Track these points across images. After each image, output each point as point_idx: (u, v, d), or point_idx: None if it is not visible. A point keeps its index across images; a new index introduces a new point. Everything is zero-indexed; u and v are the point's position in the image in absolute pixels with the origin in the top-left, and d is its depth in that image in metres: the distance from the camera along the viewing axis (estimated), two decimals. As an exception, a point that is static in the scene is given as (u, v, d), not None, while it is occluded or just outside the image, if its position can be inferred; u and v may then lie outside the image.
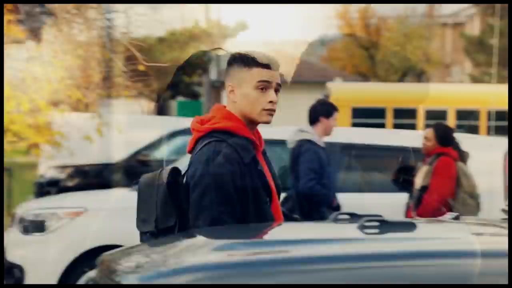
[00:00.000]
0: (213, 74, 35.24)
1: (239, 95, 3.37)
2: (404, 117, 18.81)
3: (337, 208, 7.02)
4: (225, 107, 3.43)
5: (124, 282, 2.54)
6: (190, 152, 3.41)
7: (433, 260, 2.52)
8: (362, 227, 2.78)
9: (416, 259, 2.51)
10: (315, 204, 6.99)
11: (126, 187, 9.85)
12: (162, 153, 13.48)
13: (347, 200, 7.52)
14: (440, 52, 43.52)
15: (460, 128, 17.13)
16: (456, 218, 3.16)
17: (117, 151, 13.42)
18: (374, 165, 8.75)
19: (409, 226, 2.87)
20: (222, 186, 3.21)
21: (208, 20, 30.26)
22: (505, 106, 18.81)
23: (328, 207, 6.97)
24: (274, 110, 3.38)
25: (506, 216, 3.21)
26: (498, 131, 18.27)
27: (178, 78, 28.87)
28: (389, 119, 18.82)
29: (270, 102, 3.35)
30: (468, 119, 18.79)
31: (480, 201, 7.16)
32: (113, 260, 2.78)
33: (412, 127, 18.02)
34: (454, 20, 45.90)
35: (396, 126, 18.24)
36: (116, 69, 7.54)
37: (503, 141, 8.48)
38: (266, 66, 3.36)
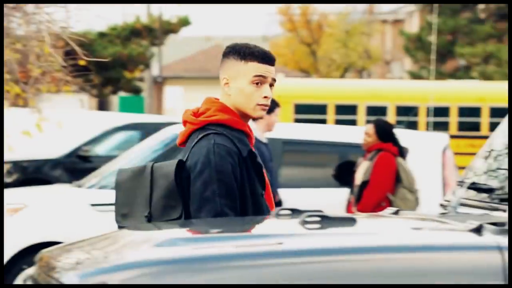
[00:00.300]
0: (155, 69, 35.05)
1: (234, 89, 3.34)
2: (346, 113, 18.96)
3: (279, 203, 7.04)
4: (217, 99, 3.40)
5: (64, 279, 2.51)
6: (181, 144, 3.37)
7: (373, 254, 2.54)
8: (303, 223, 2.80)
9: (357, 254, 2.53)
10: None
11: (66, 183, 9.74)
12: (103, 148, 13.37)
13: (289, 196, 7.55)
14: (381, 49, 43.94)
15: (400, 124, 17.32)
16: (396, 213, 3.19)
17: (57, 147, 13.27)
18: (316, 160, 8.80)
19: (350, 221, 2.89)
20: (223, 178, 3.19)
21: (149, 15, 30.09)
22: (442, 102, 19.07)
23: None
24: (268, 105, 3.36)
25: (444, 211, 3.25)
26: (437, 127, 18.52)
27: (120, 73, 28.68)
28: (331, 115, 18.94)
29: (265, 97, 3.33)
30: (408, 115, 19.02)
31: (419, 196, 7.25)
32: (52, 257, 2.75)
33: (353, 123, 18.17)
34: (394, 17, 46.36)
35: (338, 122, 18.38)
36: (56, 64, 7.46)
37: (442, 136, 8.60)
38: (263, 61, 3.33)
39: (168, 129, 8.43)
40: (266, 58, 3.33)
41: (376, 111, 18.15)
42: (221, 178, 3.19)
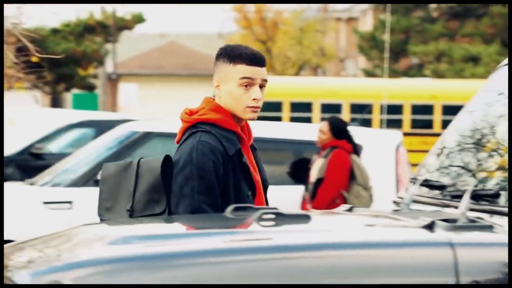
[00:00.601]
0: (109, 66, 34.83)
1: (224, 91, 3.36)
2: (300, 110, 19.02)
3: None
4: (214, 99, 3.41)
5: (16, 277, 2.48)
6: (178, 142, 3.41)
7: (327, 251, 2.56)
8: (258, 220, 2.80)
9: (312, 251, 2.55)
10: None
11: (18, 181, 9.63)
12: (56, 146, 13.26)
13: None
14: (335, 47, 44.15)
15: (354, 121, 17.44)
16: (350, 210, 3.21)
17: (10, 144, 13.12)
18: (271, 158, 8.81)
19: (304, 219, 2.90)
20: (204, 175, 3.20)
21: (103, 11, 29.88)
22: (396, 100, 19.22)
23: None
24: (259, 107, 3.37)
25: (397, 208, 3.28)
26: (390, 124, 18.67)
27: (73, 70, 28.44)
28: (286, 112, 18.99)
29: (254, 99, 3.33)
30: (362, 113, 19.14)
31: (373, 193, 7.30)
32: (4, 255, 2.72)
33: (308, 120, 18.23)
34: (348, 15, 46.60)
35: (293, 119, 18.43)
36: (7, 61, 7.37)
37: (395, 134, 8.67)
38: (251, 63, 3.33)
39: (123, 127, 8.38)
40: (254, 60, 3.34)
41: (330, 109, 18.24)
42: (201, 175, 3.20)
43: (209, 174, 3.21)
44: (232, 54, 3.34)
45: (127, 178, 3.35)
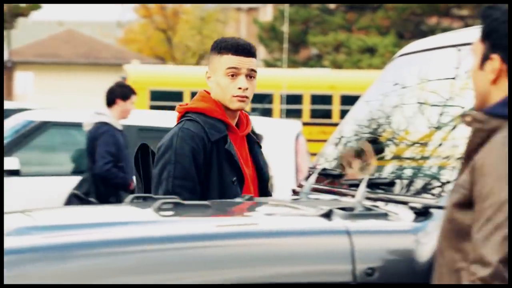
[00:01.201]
0: (4, 54, 34.01)
1: (213, 82, 3.44)
2: (200, 100, 18.97)
3: (134, 191, 7.00)
4: (208, 92, 3.49)
5: None
6: None
7: (227, 240, 2.58)
8: (158, 209, 2.80)
9: (211, 240, 2.56)
10: (112, 187, 6.94)
11: None
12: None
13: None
14: (236, 36, 44.12)
15: (255, 111, 17.52)
16: (250, 199, 3.24)
17: None
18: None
19: (204, 208, 2.92)
20: (180, 160, 3.28)
21: (-1, -2, 29.15)
22: (295, 90, 19.40)
23: (126, 190, 6.94)
24: (246, 97, 3.44)
25: (296, 197, 3.32)
26: (290, 114, 18.83)
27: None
28: (187, 102, 18.94)
29: (239, 88, 3.39)
30: (262, 102, 19.25)
31: (273, 182, 7.37)
32: None
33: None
34: (248, 6, 46.68)
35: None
36: None
37: (295, 123, 8.76)
38: (236, 52, 3.40)
39: (19, 116, 8.22)
40: (239, 49, 3.41)
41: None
42: (178, 160, 3.28)
43: (186, 159, 3.28)
44: (219, 45, 3.45)
45: None
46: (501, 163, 2.17)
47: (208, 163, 3.31)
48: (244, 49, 3.44)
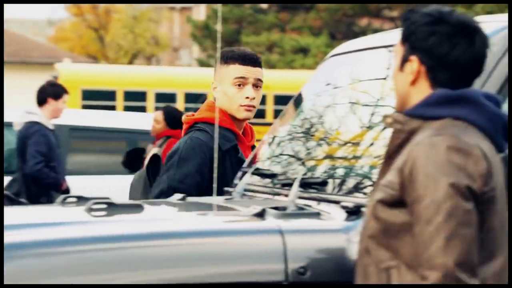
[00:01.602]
0: None
1: (219, 92, 3.49)
2: (134, 99, 18.87)
3: (66, 191, 6.94)
4: (213, 102, 3.54)
5: None
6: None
7: (160, 240, 2.57)
8: (89, 210, 2.78)
9: (144, 241, 2.55)
10: (43, 187, 6.86)
11: None
12: None
13: (77, 183, 7.44)
14: (169, 36, 44.01)
15: (189, 111, 17.46)
16: (183, 199, 3.23)
17: None
18: (105, 147, 8.72)
19: (137, 208, 2.90)
20: (183, 165, 3.34)
21: None
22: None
23: (57, 190, 6.87)
24: (253, 106, 3.47)
25: (230, 196, 3.32)
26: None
27: None
28: (120, 101, 18.81)
29: (247, 98, 3.42)
30: (197, 102, 19.22)
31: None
32: None
33: (142, 109, 18.12)
34: (182, 5, 46.53)
35: (127, 108, 18.26)
36: None
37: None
38: (243, 62, 3.43)
39: None
40: (246, 59, 3.46)
41: (165, 98, 18.20)
42: (181, 165, 3.35)
43: (189, 165, 3.34)
44: (226, 55, 3.50)
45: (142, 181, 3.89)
46: (430, 164, 2.20)
47: (223, 171, 3.37)
48: (251, 59, 3.49)
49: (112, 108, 18.31)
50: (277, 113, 18.60)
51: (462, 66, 2.32)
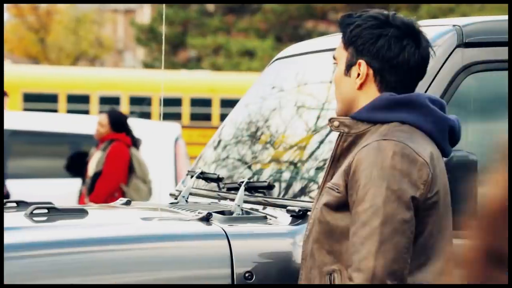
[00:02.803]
0: None
1: None
2: (78, 102, 18.70)
3: (6, 196, 6.82)
4: None
5: None
6: None
7: (103, 246, 2.53)
8: (30, 215, 2.72)
9: (86, 246, 2.51)
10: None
11: None
12: None
13: (18, 188, 7.33)
14: (113, 38, 43.73)
15: (133, 114, 17.36)
16: (127, 203, 3.19)
17: None
18: (47, 151, 8.60)
19: (80, 213, 2.85)
20: None
21: None
22: (174, 93, 19.35)
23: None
24: None
25: (175, 201, 3.29)
26: (169, 117, 18.76)
27: None
28: (62, 104, 18.61)
29: None
30: (141, 105, 19.10)
31: (152, 187, 7.31)
32: None
33: (86, 113, 17.95)
34: (125, 7, 46.29)
35: (70, 111, 18.07)
36: None
37: (174, 127, 8.72)
38: None
39: None
40: None
41: (109, 101, 18.05)
42: None
43: None
44: None
45: None
46: (375, 168, 2.19)
47: None
48: None
49: (55, 111, 18.10)
50: (223, 117, 18.59)
51: (410, 69, 2.32)
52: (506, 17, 2.98)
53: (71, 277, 2.42)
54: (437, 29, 2.81)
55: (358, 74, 2.33)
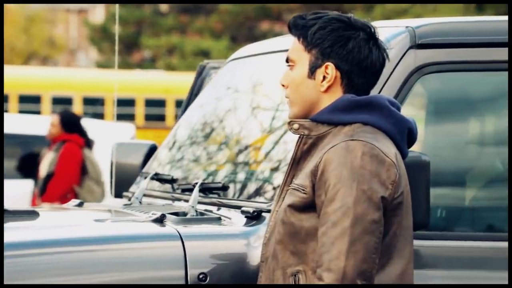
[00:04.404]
0: None
1: None
2: (29, 102, 18.51)
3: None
4: None
5: None
6: None
7: (54, 248, 2.50)
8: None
9: (37, 248, 2.48)
10: None
11: None
12: None
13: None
14: (65, 38, 43.36)
15: (86, 114, 17.23)
16: (80, 205, 3.16)
17: None
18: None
19: (31, 215, 2.82)
20: None
21: None
22: (128, 93, 19.25)
23: None
24: None
25: (128, 202, 3.26)
26: (123, 117, 18.64)
27: None
28: (13, 104, 18.40)
29: None
30: (94, 106, 18.98)
31: (106, 188, 7.26)
32: None
33: (38, 113, 17.77)
34: (78, 7, 45.94)
35: (21, 112, 17.87)
36: None
37: (128, 127, 8.67)
38: None
39: None
40: None
41: (61, 102, 17.90)
42: None
43: None
44: None
45: None
46: (345, 168, 2.20)
47: None
48: None
49: (5, 111, 17.89)
50: (177, 117, 18.51)
51: (376, 71, 2.34)
52: (459, 18, 3.02)
53: (20, 280, 2.39)
54: (390, 31, 2.83)
55: (324, 77, 2.32)
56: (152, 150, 3.53)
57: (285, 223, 2.28)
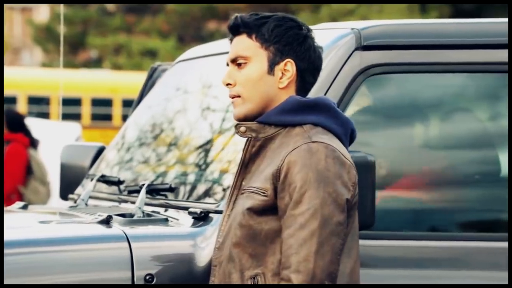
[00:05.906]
0: None
1: None
2: (-27, 102, 18.21)
3: None
4: None
5: None
6: None
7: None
8: None
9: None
10: None
11: None
12: None
13: None
14: (9, 36, 42.82)
15: (31, 114, 17.03)
16: (25, 207, 3.13)
17: None
18: None
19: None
20: None
21: None
22: (74, 92, 19.08)
23: None
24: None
25: (74, 204, 3.24)
26: (69, 117, 18.47)
27: None
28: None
29: None
30: (39, 105, 18.77)
31: (51, 188, 7.19)
32: None
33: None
34: (22, 6, 45.38)
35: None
36: None
37: (74, 127, 8.60)
38: None
39: None
40: None
41: (5, 101, 17.64)
42: None
43: None
44: None
45: None
46: (310, 171, 2.20)
47: None
48: None
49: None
50: (125, 117, 18.42)
51: (319, 72, 2.35)
52: (404, 20, 3.05)
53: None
54: (335, 32, 2.85)
55: (282, 74, 2.32)
56: (101, 152, 3.50)
57: (243, 226, 2.26)
